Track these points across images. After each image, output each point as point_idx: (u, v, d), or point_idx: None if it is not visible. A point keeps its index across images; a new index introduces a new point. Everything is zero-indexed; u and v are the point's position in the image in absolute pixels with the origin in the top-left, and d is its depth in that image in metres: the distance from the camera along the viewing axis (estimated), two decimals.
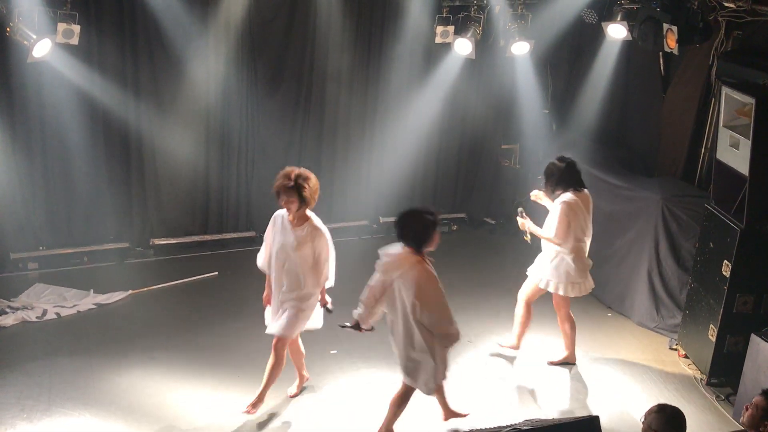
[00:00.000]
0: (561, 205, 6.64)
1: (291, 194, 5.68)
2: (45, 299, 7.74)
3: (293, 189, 5.66)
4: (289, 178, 5.68)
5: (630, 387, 6.90)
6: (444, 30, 8.61)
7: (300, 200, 5.69)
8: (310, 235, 5.83)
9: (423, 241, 5.54)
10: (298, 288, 5.93)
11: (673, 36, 7.19)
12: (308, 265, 5.89)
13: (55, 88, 7.82)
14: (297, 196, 5.66)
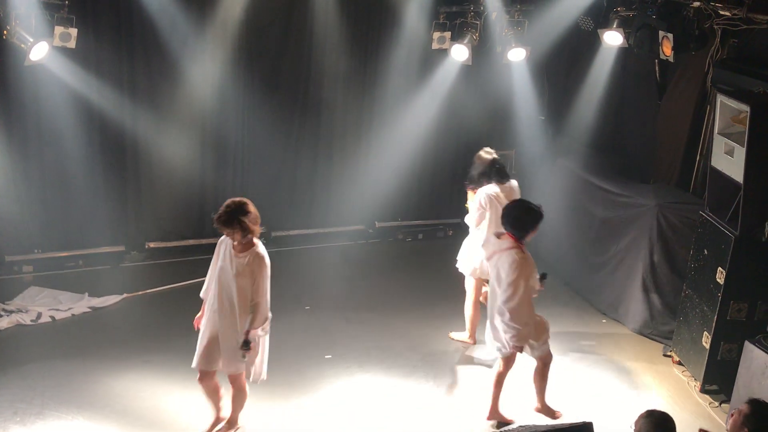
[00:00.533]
0: (481, 195, 7.05)
1: (231, 227, 5.42)
2: (40, 302, 7.72)
3: (233, 222, 5.40)
4: (227, 211, 5.41)
5: (624, 393, 6.90)
6: (441, 36, 8.63)
7: (242, 231, 5.45)
8: (252, 263, 5.56)
9: (525, 229, 5.98)
10: (233, 317, 5.64)
11: (668, 43, 7.21)
12: (245, 297, 5.61)
13: (52, 91, 7.81)
14: (238, 228, 5.42)
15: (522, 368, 7.15)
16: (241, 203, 5.45)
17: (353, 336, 7.58)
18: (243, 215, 5.41)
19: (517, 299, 5.87)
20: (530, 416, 6.33)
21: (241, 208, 5.43)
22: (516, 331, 5.94)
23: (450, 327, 7.78)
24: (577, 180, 8.85)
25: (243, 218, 5.40)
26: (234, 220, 5.38)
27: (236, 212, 5.40)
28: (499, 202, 6.90)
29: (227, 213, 5.40)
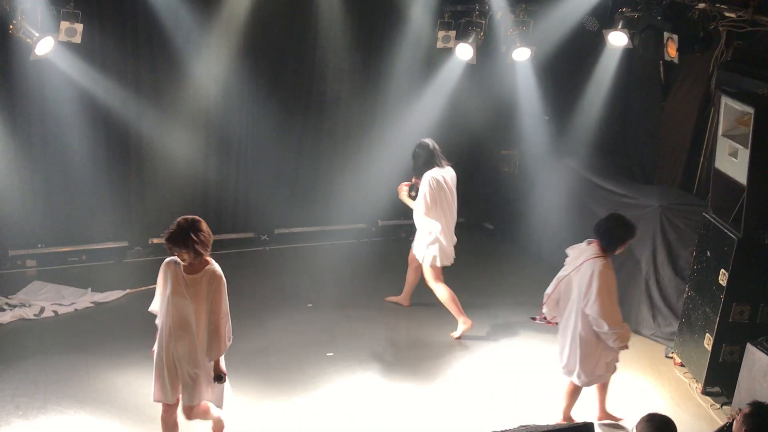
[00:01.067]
0: (428, 180, 7.27)
1: (184, 245, 5.04)
2: (43, 297, 7.75)
3: (186, 240, 5.03)
4: (180, 229, 5.07)
5: (625, 394, 6.90)
6: (446, 35, 8.63)
7: (193, 253, 5.07)
8: (209, 284, 5.20)
9: (614, 242, 5.91)
10: (192, 344, 5.26)
11: (673, 45, 7.21)
12: (204, 321, 5.23)
13: (57, 87, 7.83)
14: (191, 247, 5.04)
15: (517, 374, 7.17)
16: (194, 220, 5.10)
17: (355, 334, 7.59)
18: (196, 233, 5.04)
19: (608, 305, 5.77)
20: (532, 416, 6.32)
21: (194, 225, 5.07)
22: (617, 334, 5.85)
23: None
24: (580, 180, 8.85)
25: (196, 236, 5.03)
26: (187, 238, 5.01)
27: (189, 230, 5.04)
28: (446, 185, 7.35)
29: (180, 230, 5.04)
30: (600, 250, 5.90)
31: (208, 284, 5.16)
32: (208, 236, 5.13)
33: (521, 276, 9.21)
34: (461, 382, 6.93)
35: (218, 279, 5.18)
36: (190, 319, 5.18)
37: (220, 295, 5.20)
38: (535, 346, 7.60)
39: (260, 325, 7.65)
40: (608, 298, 5.79)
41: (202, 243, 5.06)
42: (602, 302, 5.75)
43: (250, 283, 8.48)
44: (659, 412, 4.32)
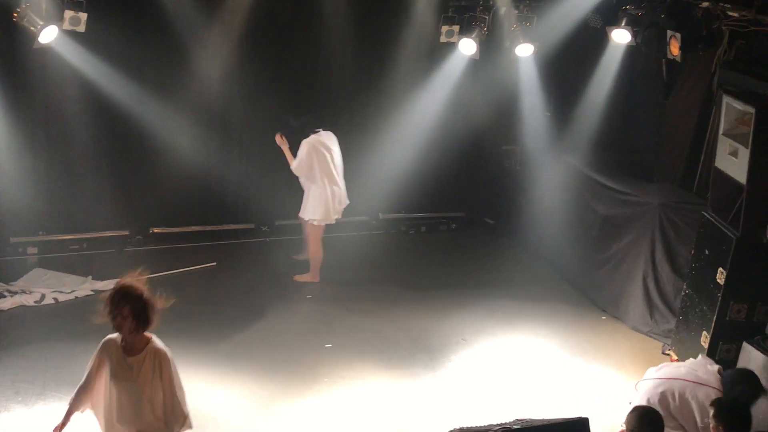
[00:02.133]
0: (305, 145, 7.97)
1: (120, 312, 4.42)
2: (43, 284, 7.78)
3: (123, 305, 4.42)
4: (119, 293, 4.46)
5: (622, 390, 6.93)
6: (449, 29, 8.63)
7: (136, 321, 4.44)
8: (153, 363, 4.54)
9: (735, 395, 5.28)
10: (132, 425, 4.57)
11: (676, 43, 7.21)
12: (152, 405, 4.53)
13: (60, 75, 7.85)
14: (130, 317, 4.42)
15: (513, 368, 7.20)
16: (132, 285, 4.48)
17: (354, 326, 7.62)
18: (136, 300, 4.43)
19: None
20: (527, 409, 6.35)
21: (133, 289, 4.45)
22: None
23: (450, 320, 7.83)
24: (581, 177, 8.86)
25: (145, 298, 4.46)
26: (136, 298, 4.42)
27: (140, 290, 4.47)
28: (324, 148, 8.01)
29: (118, 294, 4.43)
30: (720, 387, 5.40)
31: (153, 364, 4.51)
32: (153, 304, 4.52)
33: (520, 271, 9.24)
34: (458, 375, 6.96)
35: (163, 356, 4.53)
36: (135, 405, 4.51)
37: (169, 373, 4.55)
38: (532, 340, 7.63)
39: (260, 316, 7.68)
40: None
41: (148, 310, 4.47)
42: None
43: (250, 274, 8.52)
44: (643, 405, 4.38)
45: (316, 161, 8.00)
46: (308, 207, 8.19)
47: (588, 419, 4.57)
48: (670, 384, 5.50)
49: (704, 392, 5.32)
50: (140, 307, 4.42)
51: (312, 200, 8.15)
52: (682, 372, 5.58)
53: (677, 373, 5.57)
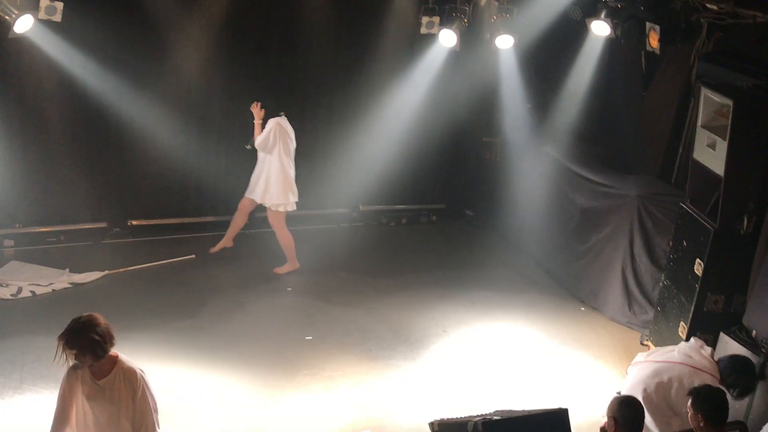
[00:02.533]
0: (272, 123, 7.95)
1: (80, 347, 4.33)
2: (20, 277, 7.70)
3: (80, 344, 4.34)
4: (73, 332, 4.37)
5: (600, 380, 6.98)
6: (429, 21, 8.62)
7: (92, 356, 4.34)
8: (123, 382, 4.43)
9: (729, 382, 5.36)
10: None
11: (655, 35, 7.24)
12: (129, 426, 4.46)
13: (36, 65, 7.77)
14: (87, 351, 4.32)
15: (493, 359, 7.23)
16: (89, 318, 4.41)
17: (334, 318, 7.61)
18: (93, 331, 4.34)
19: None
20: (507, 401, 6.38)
21: (90, 323, 4.37)
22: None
23: (431, 312, 7.85)
24: (560, 169, 8.90)
25: (94, 335, 4.34)
26: (84, 339, 4.32)
27: (86, 330, 4.35)
28: (288, 131, 8.06)
29: (74, 332, 4.34)
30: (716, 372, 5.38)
31: (125, 384, 4.42)
32: (106, 332, 4.40)
33: (500, 262, 9.28)
34: (438, 367, 6.98)
35: (132, 374, 4.45)
36: (116, 424, 4.44)
37: (143, 391, 4.45)
38: (512, 331, 7.66)
39: (240, 308, 7.66)
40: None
41: (101, 343, 4.34)
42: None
43: (230, 267, 8.48)
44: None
45: (280, 141, 7.96)
46: (272, 191, 8.06)
47: (567, 410, 4.58)
48: (667, 370, 5.45)
49: (701, 379, 5.26)
50: (94, 343, 4.32)
51: (276, 185, 8.03)
52: (676, 356, 5.54)
53: (671, 357, 5.55)
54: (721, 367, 5.43)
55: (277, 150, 7.97)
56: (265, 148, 8.00)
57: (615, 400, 4.42)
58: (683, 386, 5.27)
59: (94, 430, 4.46)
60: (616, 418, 4.32)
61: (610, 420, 4.34)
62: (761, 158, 6.38)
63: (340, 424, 6.06)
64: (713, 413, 4.43)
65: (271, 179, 8.05)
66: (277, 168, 8.01)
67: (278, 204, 8.12)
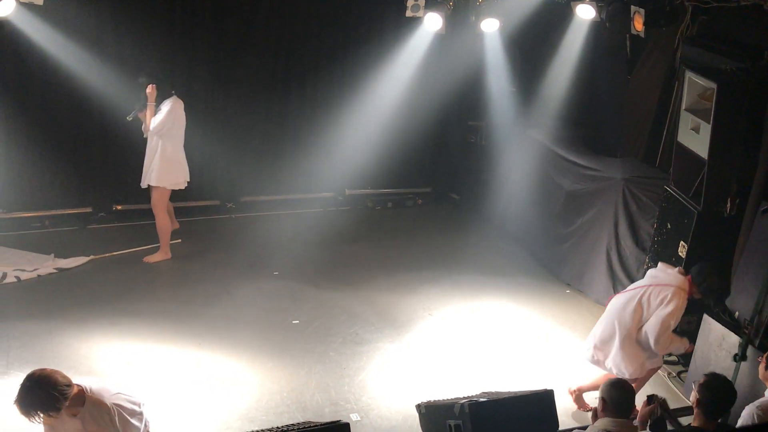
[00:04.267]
0: (170, 103, 7.68)
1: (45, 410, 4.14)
2: (5, 262, 7.65)
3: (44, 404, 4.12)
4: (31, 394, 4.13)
5: (585, 362, 7.03)
6: (415, 4, 8.56)
7: (56, 407, 4.14)
8: (97, 417, 4.29)
9: (706, 291, 5.83)
10: None
11: (640, 18, 7.25)
12: None
13: (18, 49, 7.69)
14: (52, 409, 4.14)
15: (479, 342, 7.28)
16: (42, 376, 4.16)
17: (321, 302, 7.63)
18: (53, 389, 4.12)
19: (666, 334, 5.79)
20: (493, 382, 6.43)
21: (47, 381, 4.14)
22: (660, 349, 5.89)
23: (417, 295, 7.88)
24: (545, 152, 8.93)
25: (54, 392, 4.11)
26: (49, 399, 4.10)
27: (45, 388, 4.11)
28: (182, 112, 7.78)
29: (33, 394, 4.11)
30: (688, 286, 5.83)
31: (99, 415, 4.28)
32: (64, 385, 4.18)
33: (486, 245, 9.31)
34: (424, 350, 7.01)
35: (100, 406, 4.28)
36: None
37: (113, 422, 4.29)
38: (497, 314, 7.71)
39: (226, 292, 7.66)
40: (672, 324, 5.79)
41: (63, 396, 4.13)
42: (665, 327, 5.74)
43: (216, 251, 8.47)
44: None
45: (176, 122, 7.73)
46: (155, 172, 7.75)
47: (553, 391, 4.64)
48: (634, 296, 5.93)
49: (664, 294, 5.77)
50: (50, 400, 4.13)
51: (163, 164, 7.74)
52: (643, 281, 6.02)
53: (639, 284, 6.04)
54: (693, 276, 5.85)
55: (175, 131, 7.74)
56: (161, 130, 7.67)
57: (608, 383, 4.46)
58: (650, 305, 5.81)
59: None
60: (605, 398, 4.38)
61: (600, 400, 4.41)
62: (744, 141, 6.43)
63: (327, 408, 6.08)
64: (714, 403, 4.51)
65: (157, 158, 7.75)
66: (167, 146, 7.73)
67: (163, 184, 7.81)
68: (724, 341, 6.18)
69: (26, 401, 4.13)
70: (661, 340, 5.76)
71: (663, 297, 5.79)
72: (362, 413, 6.06)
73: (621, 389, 4.42)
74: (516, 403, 4.62)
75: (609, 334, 6.01)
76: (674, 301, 5.75)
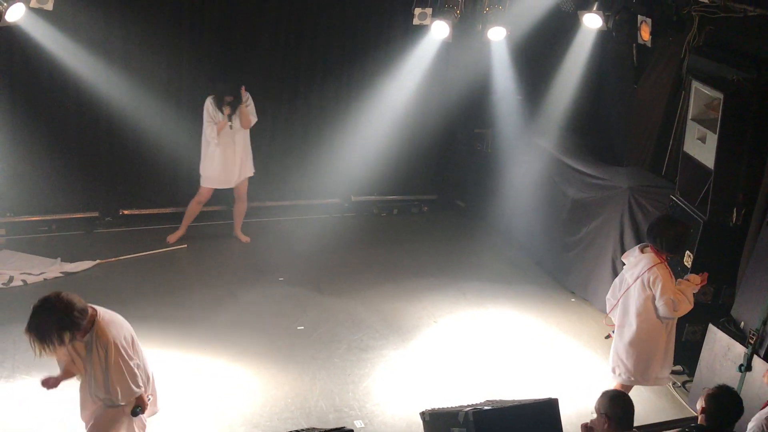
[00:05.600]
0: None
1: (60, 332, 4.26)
2: (12, 266, 7.68)
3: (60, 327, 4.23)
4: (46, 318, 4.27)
5: (590, 371, 7.04)
6: (422, 12, 8.60)
7: (71, 333, 4.26)
8: (95, 341, 4.37)
9: (668, 244, 5.78)
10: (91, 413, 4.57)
11: (647, 28, 7.27)
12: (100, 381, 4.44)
13: (27, 54, 7.73)
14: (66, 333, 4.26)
15: (484, 350, 7.28)
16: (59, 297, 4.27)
17: (326, 308, 7.64)
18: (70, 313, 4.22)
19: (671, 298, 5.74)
20: (498, 391, 6.43)
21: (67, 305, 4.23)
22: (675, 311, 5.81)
23: (422, 302, 7.88)
24: (551, 160, 8.93)
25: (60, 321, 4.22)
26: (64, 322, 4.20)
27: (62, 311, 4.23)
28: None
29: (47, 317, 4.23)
30: (657, 256, 5.79)
31: (98, 345, 4.35)
32: (81, 309, 4.28)
33: (491, 253, 9.31)
34: (429, 357, 7.01)
35: (104, 340, 4.35)
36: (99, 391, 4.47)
37: (116, 359, 4.37)
38: (502, 322, 7.71)
39: (232, 297, 7.67)
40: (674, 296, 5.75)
41: (82, 316, 4.24)
42: (671, 304, 5.73)
43: (222, 256, 8.49)
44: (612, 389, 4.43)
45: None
46: (249, 161, 8.51)
47: (557, 400, 4.63)
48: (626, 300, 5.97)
49: (646, 281, 5.77)
50: (65, 322, 4.22)
51: (250, 153, 8.49)
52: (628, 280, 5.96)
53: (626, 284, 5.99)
54: (652, 243, 5.83)
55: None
56: (250, 123, 8.30)
57: (604, 396, 4.39)
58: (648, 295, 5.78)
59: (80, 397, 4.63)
60: (609, 414, 4.26)
61: (602, 417, 4.29)
62: (751, 152, 6.43)
63: (331, 415, 6.09)
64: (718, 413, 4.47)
65: (248, 150, 8.45)
66: (246, 138, 8.39)
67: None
68: (729, 351, 6.16)
69: (41, 325, 4.18)
70: (679, 308, 5.75)
71: (648, 281, 5.76)
72: (366, 420, 6.06)
73: (623, 402, 4.35)
74: (520, 411, 4.61)
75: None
76: (657, 278, 5.72)
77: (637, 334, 5.89)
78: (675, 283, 5.83)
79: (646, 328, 5.86)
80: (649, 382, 6.07)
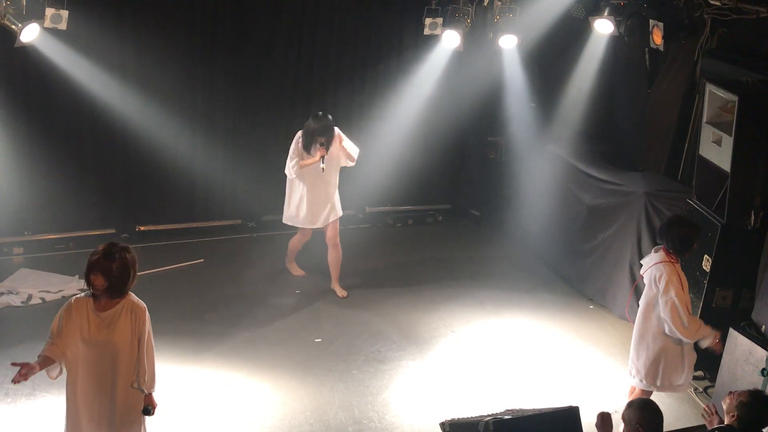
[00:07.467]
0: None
1: (100, 271, 4.39)
2: (30, 284, 7.73)
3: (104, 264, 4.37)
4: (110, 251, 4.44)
5: (610, 378, 6.99)
6: (433, 22, 8.62)
7: (107, 281, 4.38)
8: (129, 316, 4.49)
9: (678, 246, 5.74)
10: (114, 393, 4.51)
11: (659, 32, 7.24)
12: (129, 364, 4.48)
13: (42, 74, 7.80)
14: (105, 275, 4.37)
15: (503, 358, 7.24)
16: (124, 246, 4.47)
17: (343, 320, 7.63)
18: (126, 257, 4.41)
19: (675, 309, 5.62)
20: (518, 400, 6.40)
21: (126, 248, 4.44)
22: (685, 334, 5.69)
23: (439, 312, 7.86)
24: (566, 167, 8.90)
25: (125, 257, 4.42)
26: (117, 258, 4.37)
27: (121, 251, 4.41)
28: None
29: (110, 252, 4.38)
30: (666, 255, 5.74)
31: (131, 320, 4.48)
32: (131, 261, 4.49)
33: (507, 262, 9.28)
34: (447, 367, 6.99)
35: (139, 308, 4.52)
36: (113, 367, 4.46)
37: (146, 327, 4.52)
38: (520, 331, 7.67)
39: (248, 311, 7.68)
40: (678, 300, 5.64)
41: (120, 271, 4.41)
42: (672, 306, 5.61)
43: (238, 270, 8.51)
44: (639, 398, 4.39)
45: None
46: (338, 203, 7.93)
47: (578, 408, 4.60)
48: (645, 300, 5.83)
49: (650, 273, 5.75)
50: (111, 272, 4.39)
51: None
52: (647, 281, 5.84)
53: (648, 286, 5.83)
54: (661, 241, 5.82)
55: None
56: (354, 159, 7.87)
57: (631, 405, 4.36)
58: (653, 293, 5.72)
59: (89, 379, 4.51)
60: (641, 423, 4.25)
61: (633, 428, 4.27)
62: (767, 154, 6.39)
63: (350, 427, 6.07)
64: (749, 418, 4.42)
65: (336, 191, 7.93)
66: (336, 178, 7.91)
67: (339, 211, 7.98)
68: (750, 355, 6.11)
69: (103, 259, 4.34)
70: (680, 319, 5.56)
71: (654, 278, 5.70)
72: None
73: (654, 411, 4.33)
74: (541, 420, 4.58)
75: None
76: (663, 275, 5.64)
77: (641, 334, 5.86)
78: (685, 292, 5.72)
79: (650, 327, 5.80)
80: (665, 389, 5.98)
